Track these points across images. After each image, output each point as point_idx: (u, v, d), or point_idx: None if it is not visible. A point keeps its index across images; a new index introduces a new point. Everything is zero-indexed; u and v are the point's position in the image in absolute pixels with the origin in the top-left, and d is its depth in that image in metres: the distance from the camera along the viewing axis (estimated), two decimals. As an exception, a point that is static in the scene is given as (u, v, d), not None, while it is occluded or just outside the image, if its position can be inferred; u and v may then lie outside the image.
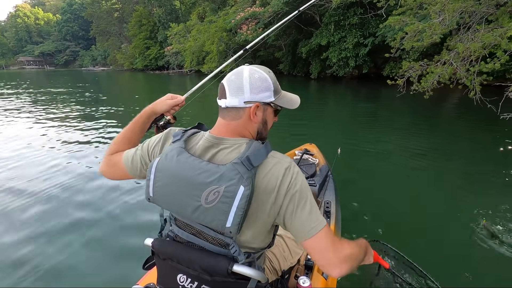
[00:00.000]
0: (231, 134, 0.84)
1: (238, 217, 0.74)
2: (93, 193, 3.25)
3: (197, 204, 0.77)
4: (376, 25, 12.94)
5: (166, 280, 0.95)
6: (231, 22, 16.83)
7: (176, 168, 0.80)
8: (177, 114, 1.23)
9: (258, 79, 0.83)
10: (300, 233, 0.78)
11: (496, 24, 4.21)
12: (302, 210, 0.77)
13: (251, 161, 0.75)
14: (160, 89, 16.86)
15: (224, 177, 0.75)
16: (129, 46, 41.55)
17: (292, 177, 0.78)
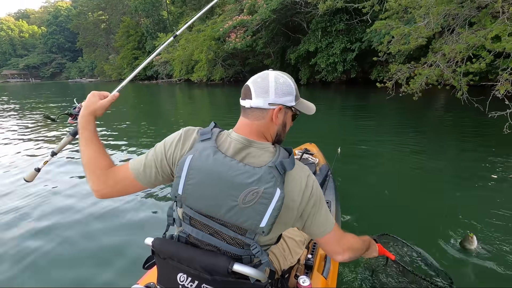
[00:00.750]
0: (255, 135, 0.88)
1: (272, 218, 0.79)
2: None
3: (233, 204, 0.79)
4: (362, 30, 13.22)
5: (166, 279, 0.96)
6: (220, 30, 16.94)
7: (213, 167, 0.81)
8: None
9: (283, 84, 0.87)
10: (316, 233, 0.90)
11: (479, 25, 4.34)
12: (320, 213, 0.88)
13: (284, 166, 0.81)
14: (150, 99, 16.71)
15: (263, 179, 0.78)
16: (117, 57, 41.26)
17: (314, 184, 0.86)
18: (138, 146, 5.55)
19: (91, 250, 2.33)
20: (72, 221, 2.74)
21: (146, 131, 7.16)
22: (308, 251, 1.45)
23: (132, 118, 9.68)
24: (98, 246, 2.39)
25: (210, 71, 21.11)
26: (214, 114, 10.10)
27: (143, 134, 6.76)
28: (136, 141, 6.04)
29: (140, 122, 8.55)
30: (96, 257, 2.25)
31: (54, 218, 2.80)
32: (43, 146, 5.75)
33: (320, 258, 1.48)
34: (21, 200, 3.19)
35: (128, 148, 5.53)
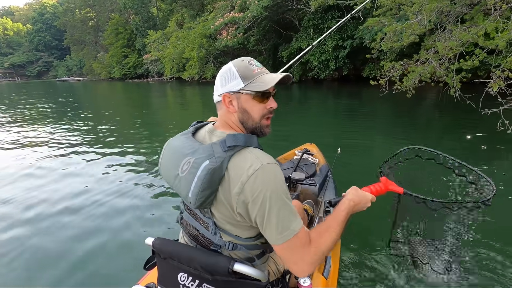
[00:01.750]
0: (222, 125, 0.91)
1: (197, 188, 0.78)
2: (92, 193, 3.25)
3: (176, 172, 0.85)
4: (353, 28, 13.23)
5: (166, 279, 0.97)
6: (211, 28, 16.74)
7: (174, 144, 0.92)
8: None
9: (225, 72, 0.89)
10: (270, 239, 0.79)
11: (471, 23, 4.35)
12: (271, 216, 0.76)
13: (225, 141, 0.80)
14: (141, 99, 16.43)
15: (198, 151, 0.82)
16: (106, 55, 40.46)
17: (265, 179, 0.76)
18: (132, 150, 5.40)
19: (91, 250, 2.32)
20: (72, 221, 2.73)
21: (139, 132, 7.00)
22: None
23: (122, 117, 9.47)
24: (98, 246, 2.38)
25: (202, 69, 20.86)
26: (206, 113, 9.96)
27: (136, 135, 6.59)
28: (128, 143, 5.88)
29: (131, 122, 8.37)
30: (96, 257, 2.24)
31: (54, 218, 2.78)
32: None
33: None
34: (18, 199, 3.16)
35: (120, 151, 5.37)
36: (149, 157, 4.73)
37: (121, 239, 2.45)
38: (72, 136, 6.55)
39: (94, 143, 5.88)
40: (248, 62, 0.88)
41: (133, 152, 5.10)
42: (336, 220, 0.88)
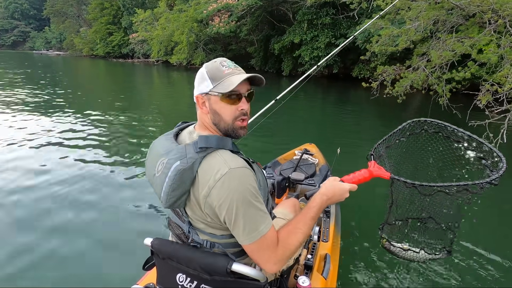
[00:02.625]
0: (199, 126, 0.93)
1: (167, 188, 0.80)
2: (92, 194, 3.21)
3: (154, 172, 0.86)
4: (347, 26, 13.24)
5: (165, 279, 0.97)
6: (203, 12, 16.20)
7: (156, 144, 0.92)
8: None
9: (198, 74, 0.91)
10: (240, 239, 0.81)
11: (466, 34, 4.43)
12: (238, 219, 0.77)
13: (197, 142, 0.81)
14: (124, 80, 15.79)
15: (171, 151, 0.83)
16: (89, 30, 38.38)
17: (231, 185, 0.76)
18: (113, 137, 5.17)
19: (90, 251, 2.32)
20: (71, 221, 2.70)
21: (120, 118, 6.70)
22: (308, 251, 1.44)
23: (105, 102, 9.05)
24: (98, 246, 2.37)
25: (191, 54, 20.26)
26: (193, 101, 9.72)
27: (118, 122, 6.32)
28: (110, 130, 5.63)
29: (114, 107, 8.01)
30: (95, 257, 2.24)
31: (53, 218, 2.74)
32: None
33: (319, 259, 1.47)
34: (17, 202, 3.03)
35: (99, 140, 5.13)
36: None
37: (120, 239, 2.44)
38: (54, 125, 6.19)
39: (82, 132, 5.58)
40: (220, 63, 0.88)
41: (131, 149, 4.86)
42: (304, 220, 0.88)
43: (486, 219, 2.73)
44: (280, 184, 1.91)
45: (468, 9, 4.17)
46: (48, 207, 2.92)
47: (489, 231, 2.57)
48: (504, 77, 3.54)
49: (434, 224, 1.13)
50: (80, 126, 5.73)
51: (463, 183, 0.93)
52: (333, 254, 1.60)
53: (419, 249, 1.18)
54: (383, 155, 1.19)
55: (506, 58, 3.69)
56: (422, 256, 1.18)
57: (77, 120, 6.13)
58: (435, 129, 1.16)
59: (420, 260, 1.19)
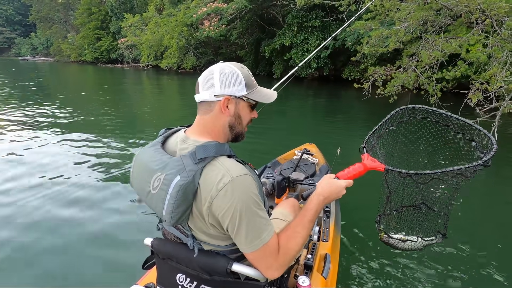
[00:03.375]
0: (197, 131, 0.87)
1: (170, 206, 0.75)
2: (92, 194, 3.24)
3: (148, 189, 0.82)
4: (336, 29, 13.33)
5: (165, 279, 0.97)
6: (193, 16, 16.13)
7: (142, 157, 0.87)
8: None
9: (228, 74, 0.85)
10: (241, 247, 0.80)
11: (454, 34, 4.50)
12: (241, 228, 0.76)
13: (196, 153, 0.77)
14: (114, 85, 15.57)
15: (168, 165, 0.78)
16: (77, 36, 37.80)
17: (233, 193, 0.75)
18: (103, 142, 5.04)
19: (90, 250, 2.32)
20: (71, 221, 2.72)
21: (111, 124, 6.57)
22: (308, 251, 1.43)
23: (93, 107, 8.87)
24: (98, 246, 2.39)
25: (181, 58, 20.13)
26: (184, 105, 9.63)
27: (107, 128, 6.18)
28: (100, 136, 5.49)
29: (103, 113, 7.85)
30: (95, 257, 2.24)
31: (52, 219, 2.76)
32: None
33: (319, 258, 1.47)
34: (17, 202, 3.06)
35: (89, 144, 5.00)
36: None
37: (120, 239, 2.44)
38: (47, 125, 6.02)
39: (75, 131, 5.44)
40: (247, 70, 0.90)
41: (102, 146, 4.77)
42: (302, 223, 0.88)
43: (477, 203, 2.82)
44: (280, 184, 1.90)
45: (456, 10, 4.24)
46: (48, 209, 2.94)
47: (480, 217, 2.66)
48: (493, 76, 3.59)
49: (427, 209, 1.13)
50: (70, 128, 5.58)
51: (456, 168, 0.92)
52: (333, 254, 1.60)
53: (416, 237, 1.18)
54: (375, 146, 1.18)
55: (494, 57, 3.75)
56: (420, 244, 1.18)
57: (65, 124, 5.97)
58: (423, 114, 1.15)
59: (419, 248, 1.19)
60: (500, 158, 4.15)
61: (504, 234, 2.52)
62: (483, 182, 3.45)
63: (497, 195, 3.24)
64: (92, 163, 4.07)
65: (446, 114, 1.08)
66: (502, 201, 3.10)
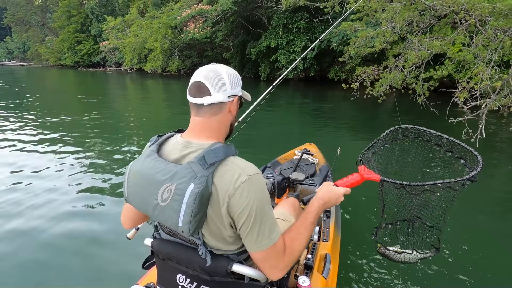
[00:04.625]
0: (206, 132, 0.86)
1: (187, 216, 0.74)
2: (91, 193, 3.26)
3: (155, 202, 0.79)
4: (321, 30, 13.47)
5: (165, 279, 0.97)
6: (177, 18, 15.88)
7: (141, 168, 0.83)
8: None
9: (233, 75, 0.89)
10: (248, 247, 0.81)
11: (439, 34, 4.58)
12: (254, 227, 0.77)
13: (205, 159, 0.75)
14: (96, 90, 15.10)
15: (177, 175, 0.76)
16: (55, 39, 36.55)
17: (250, 190, 0.76)
18: (85, 151, 4.83)
19: (90, 250, 2.34)
20: (71, 221, 2.74)
21: (94, 129, 6.31)
22: (308, 251, 1.44)
23: (74, 111, 8.54)
24: (98, 246, 2.40)
25: (166, 61, 19.80)
26: (171, 108, 9.43)
27: (90, 134, 5.93)
28: (83, 146, 5.25)
29: (85, 117, 7.56)
30: (95, 257, 2.26)
31: (52, 219, 2.78)
32: None
33: (320, 258, 1.48)
34: (19, 201, 3.10)
35: (70, 152, 4.78)
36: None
37: (120, 239, 2.43)
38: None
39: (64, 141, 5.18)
40: None
41: (82, 155, 4.56)
42: (305, 225, 0.91)
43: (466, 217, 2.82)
44: (280, 184, 1.89)
45: (441, 10, 4.31)
46: (47, 211, 2.94)
47: (471, 228, 2.67)
48: (479, 74, 3.65)
49: (421, 224, 1.19)
50: (55, 134, 5.30)
51: (446, 181, 1.00)
52: (333, 254, 1.61)
53: (411, 250, 1.24)
54: (371, 160, 1.25)
55: (479, 56, 3.82)
56: (415, 257, 1.24)
57: (47, 130, 5.68)
58: (416, 134, 1.23)
59: (413, 260, 1.25)
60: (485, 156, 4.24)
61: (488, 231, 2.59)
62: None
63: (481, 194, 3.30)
64: (84, 167, 4.01)
65: (436, 134, 1.16)
66: (486, 199, 3.17)
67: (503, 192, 3.31)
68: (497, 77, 3.56)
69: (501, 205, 3.07)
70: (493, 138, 5.22)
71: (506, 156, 4.42)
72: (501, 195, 3.25)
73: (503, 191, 3.33)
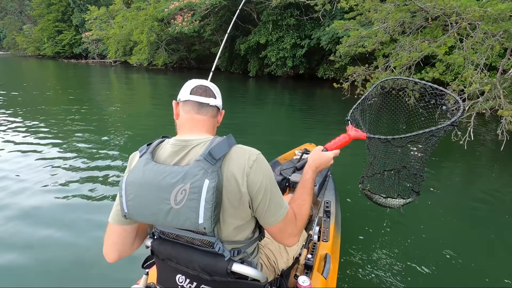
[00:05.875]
0: (206, 129, 0.92)
1: (208, 211, 0.75)
2: (91, 193, 3.17)
3: (168, 207, 0.78)
4: (311, 27, 13.46)
5: (165, 280, 0.97)
6: (164, 11, 15.45)
7: (143, 178, 0.81)
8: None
9: (216, 88, 0.99)
10: (268, 222, 0.86)
11: (431, 36, 4.63)
12: (271, 200, 0.84)
13: (212, 155, 0.78)
14: (77, 83, 14.54)
15: (188, 174, 0.76)
16: (34, 28, 34.89)
17: (262, 167, 0.82)
18: (65, 150, 4.60)
19: (90, 250, 2.31)
20: (70, 221, 2.71)
21: (76, 127, 6.03)
22: (308, 251, 1.45)
23: (54, 110, 8.17)
24: (98, 246, 2.24)
25: (152, 54, 19.26)
26: (158, 104, 9.17)
27: (72, 138, 5.67)
28: (61, 145, 5.00)
29: (66, 114, 7.23)
30: (95, 257, 2.22)
31: (52, 219, 2.74)
32: None
33: (320, 258, 1.49)
34: (20, 201, 3.03)
35: (50, 152, 4.55)
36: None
37: None
38: None
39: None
40: None
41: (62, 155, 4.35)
42: (306, 191, 0.99)
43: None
44: (280, 184, 1.86)
45: (432, 12, 4.35)
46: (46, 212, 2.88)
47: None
48: (469, 77, 3.71)
49: (406, 172, 1.26)
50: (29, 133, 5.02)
51: (428, 130, 1.02)
52: (333, 254, 1.62)
53: (397, 195, 1.30)
54: (358, 119, 1.28)
55: (469, 59, 3.88)
56: (398, 202, 1.30)
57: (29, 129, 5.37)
58: (402, 84, 1.27)
59: (396, 206, 1.31)
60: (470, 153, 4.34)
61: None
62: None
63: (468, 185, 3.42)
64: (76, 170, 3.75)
65: (422, 82, 1.21)
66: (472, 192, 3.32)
67: (484, 193, 3.40)
68: (486, 80, 3.62)
69: (484, 205, 3.15)
70: (477, 140, 5.36)
71: (487, 158, 4.54)
72: (483, 196, 3.34)
73: (485, 192, 3.42)
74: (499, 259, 2.28)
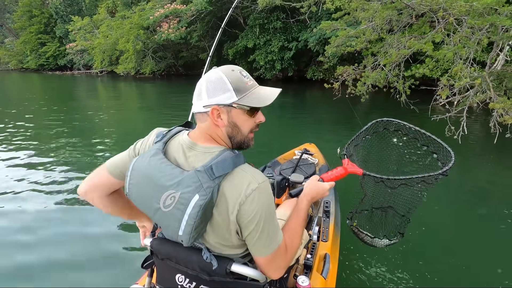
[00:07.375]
0: (204, 138, 0.85)
1: (189, 227, 0.74)
2: (82, 200, 2.92)
3: (157, 206, 0.79)
4: (298, 30, 13.54)
5: (165, 279, 0.96)
6: (149, 18, 15.30)
7: (146, 169, 0.81)
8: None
9: (214, 81, 0.81)
10: (253, 252, 0.83)
11: (419, 32, 4.66)
12: (262, 234, 0.78)
13: (213, 170, 0.75)
14: (62, 95, 14.22)
15: (183, 182, 0.75)
16: (16, 41, 34.12)
17: (260, 199, 0.77)
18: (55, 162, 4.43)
19: (90, 250, 2.33)
20: (70, 221, 2.73)
21: (64, 138, 5.83)
22: (307, 251, 1.45)
23: (40, 119, 7.93)
24: (98, 246, 2.39)
25: (139, 63, 19.02)
26: (147, 112, 9.00)
27: (60, 144, 5.48)
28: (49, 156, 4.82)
29: (53, 125, 7.01)
30: (95, 257, 2.25)
31: (51, 219, 2.78)
32: None
33: (319, 258, 1.48)
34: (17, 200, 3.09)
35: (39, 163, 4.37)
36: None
37: (120, 239, 2.44)
38: None
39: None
40: (240, 72, 0.83)
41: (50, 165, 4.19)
42: (299, 222, 0.95)
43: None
44: (280, 184, 1.85)
45: (418, 9, 4.38)
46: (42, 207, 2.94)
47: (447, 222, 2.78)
48: (459, 72, 3.72)
49: (393, 212, 1.28)
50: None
51: (421, 176, 1.06)
52: (333, 254, 1.62)
53: (383, 236, 1.33)
54: (353, 154, 1.31)
55: (458, 54, 3.89)
56: (384, 243, 1.33)
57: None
58: (396, 127, 1.30)
59: (381, 246, 1.34)
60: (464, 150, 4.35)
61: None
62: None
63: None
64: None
65: (415, 128, 1.24)
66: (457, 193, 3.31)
67: (474, 187, 3.42)
68: (476, 74, 3.64)
69: (472, 197, 3.19)
70: (468, 134, 5.39)
71: (478, 152, 4.57)
72: (472, 189, 3.37)
73: (475, 186, 3.45)
74: (495, 254, 2.28)
